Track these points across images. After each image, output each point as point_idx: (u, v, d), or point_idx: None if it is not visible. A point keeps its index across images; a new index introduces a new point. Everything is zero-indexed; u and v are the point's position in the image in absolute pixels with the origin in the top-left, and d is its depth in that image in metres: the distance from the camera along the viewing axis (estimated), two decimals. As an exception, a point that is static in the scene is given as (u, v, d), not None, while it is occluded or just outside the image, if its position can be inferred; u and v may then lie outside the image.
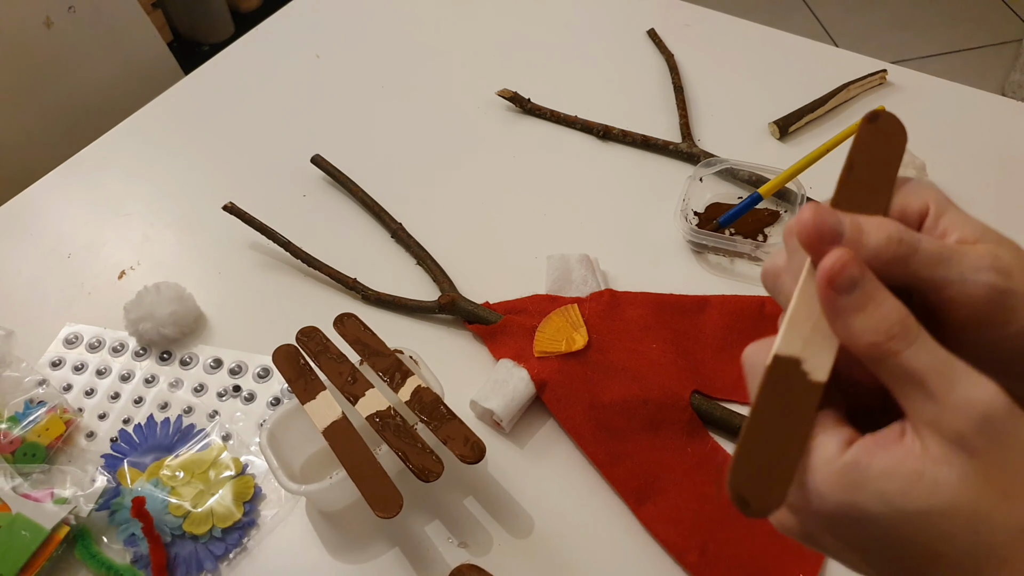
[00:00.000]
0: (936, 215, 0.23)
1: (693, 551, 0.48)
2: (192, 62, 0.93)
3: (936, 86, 0.77)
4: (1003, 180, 0.68)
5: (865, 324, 0.21)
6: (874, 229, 0.22)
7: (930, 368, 0.20)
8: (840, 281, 0.21)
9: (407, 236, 0.67)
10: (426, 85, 0.82)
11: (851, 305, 0.21)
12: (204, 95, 0.83)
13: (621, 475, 0.51)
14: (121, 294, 0.65)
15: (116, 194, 0.74)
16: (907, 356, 0.20)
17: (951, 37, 1.84)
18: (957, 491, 0.19)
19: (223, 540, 0.50)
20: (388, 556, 0.50)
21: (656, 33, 0.84)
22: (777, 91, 0.77)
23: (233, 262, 0.68)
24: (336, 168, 0.72)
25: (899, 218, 0.23)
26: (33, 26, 1.03)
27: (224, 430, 0.56)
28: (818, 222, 0.22)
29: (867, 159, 0.24)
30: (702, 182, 0.68)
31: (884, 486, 0.20)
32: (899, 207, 0.24)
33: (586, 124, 0.75)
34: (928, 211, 0.24)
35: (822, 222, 0.22)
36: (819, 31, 1.89)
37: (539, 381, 0.55)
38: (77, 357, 0.61)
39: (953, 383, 0.20)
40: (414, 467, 0.46)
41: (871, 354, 0.21)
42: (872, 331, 0.21)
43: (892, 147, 0.24)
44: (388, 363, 0.51)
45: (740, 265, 0.64)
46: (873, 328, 0.21)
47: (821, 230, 0.22)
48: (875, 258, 0.21)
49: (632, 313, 0.59)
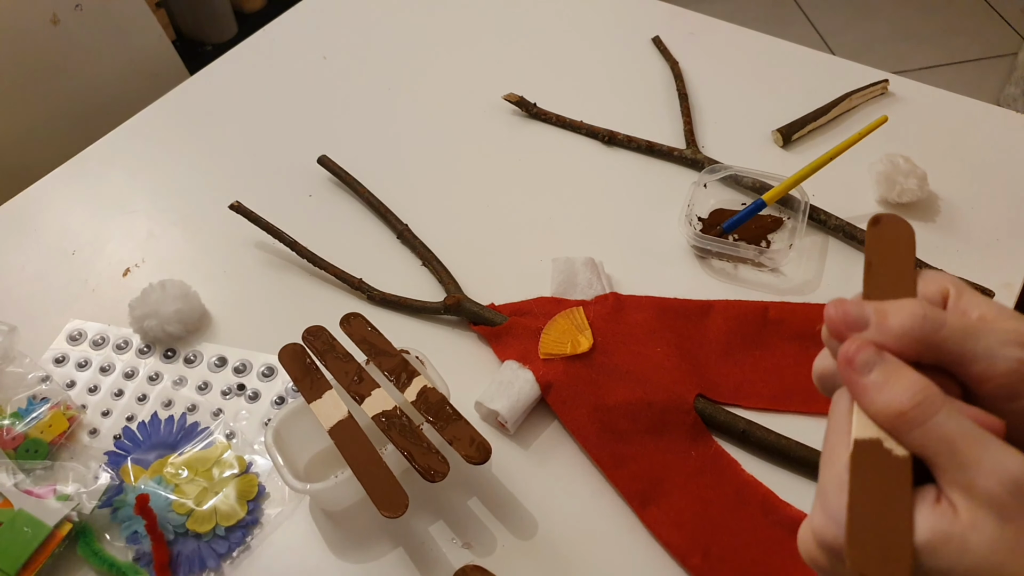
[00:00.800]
0: (956, 296, 0.24)
1: (696, 554, 0.48)
2: (195, 62, 0.93)
3: (937, 97, 0.78)
4: (1003, 190, 0.69)
5: (889, 397, 0.22)
6: (898, 310, 0.23)
7: (959, 434, 0.21)
8: (858, 363, 0.22)
9: (413, 237, 0.67)
10: (432, 87, 0.83)
11: (872, 384, 0.22)
12: (211, 94, 0.84)
13: (625, 478, 0.52)
14: (125, 291, 0.65)
15: (121, 191, 0.74)
16: (936, 423, 0.21)
17: (947, 49, 1.86)
18: (986, 554, 0.20)
19: (226, 538, 0.50)
20: (392, 556, 0.50)
21: (661, 41, 0.85)
22: (780, 99, 0.78)
23: (238, 261, 0.68)
24: (342, 169, 0.73)
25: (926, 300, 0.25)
26: (40, 23, 1.03)
27: (228, 428, 0.56)
28: (843, 313, 0.24)
29: (881, 257, 0.25)
30: (706, 188, 0.69)
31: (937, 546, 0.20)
32: (923, 292, 0.25)
33: (591, 129, 0.76)
34: (948, 294, 0.25)
35: (847, 313, 0.23)
36: (818, 42, 1.91)
37: (544, 383, 0.55)
38: (81, 354, 0.61)
39: (984, 448, 0.21)
40: (420, 467, 0.46)
41: (900, 424, 0.22)
42: (897, 403, 0.21)
43: (902, 242, 0.25)
44: (394, 363, 0.51)
45: (743, 271, 0.64)
46: (898, 400, 0.22)
47: (847, 321, 0.23)
48: (903, 336, 0.23)
49: (637, 317, 0.59)
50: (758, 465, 0.53)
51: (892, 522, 0.21)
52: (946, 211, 0.67)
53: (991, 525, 0.20)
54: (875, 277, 0.25)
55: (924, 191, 0.66)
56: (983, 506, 0.20)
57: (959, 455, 0.21)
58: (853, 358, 0.23)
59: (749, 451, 0.53)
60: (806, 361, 0.57)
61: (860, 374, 0.22)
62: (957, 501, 0.21)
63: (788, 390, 0.56)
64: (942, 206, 0.68)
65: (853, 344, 0.23)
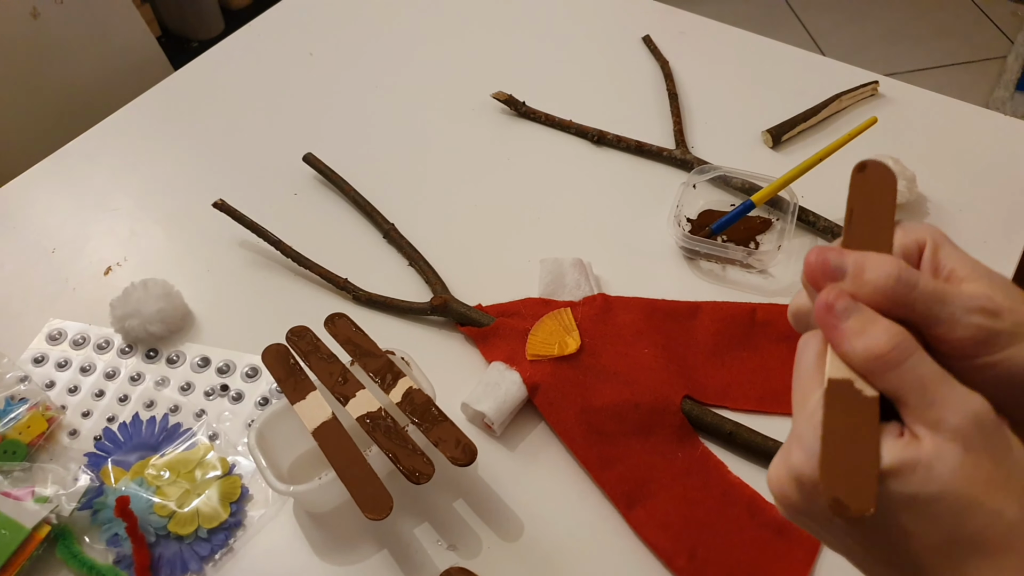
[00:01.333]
0: (933, 249, 0.26)
1: (682, 555, 0.48)
2: (181, 58, 0.92)
3: (926, 99, 0.78)
4: (991, 192, 0.69)
5: (868, 342, 0.23)
6: (876, 267, 0.24)
7: (929, 376, 0.23)
8: (837, 309, 0.24)
9: (399, 237, 0.66)
10: (421, 85, 0.82)
11: (850, 329, 0.24)
12: (195, 90, 0.83)
13: (612, 479, 0.51)
14: (107, 290, 0.64)
15: (103, 189, 0.73)
16: (909, 365, 0.23)
17: (937, 52, 1.87)
18: (948, 479, 0.22)
19: (208, 541, 0.50)
20: (376, 558, 0.49)
21: (651, 40, 0.85)
22: (770, 100, 0.77)
23: (222, 260, 0.67)
24: (328, 167, 0.72)
25: (901, 252, 0.26)
26: (20, 16, 1.01)
27: (211, 429, 0.55)
28: (822, 261, 0.25)
29: (864, 204, 0.26)
30: (695, 189, 0.68)
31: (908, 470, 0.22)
32: (898, 244, 0.26)
33: (581, 129, 0.75)
34: (925, 245, 0.26)
35: (825, 261, 0.25)
36: (809, 43, 1.91)
37: (531, 384, 0.54)
38: (61, 354, 0.60)
39: (951, 388, 0.23)
40: (404, 469, 0.45)
41: (875, 367, 0.23)
42: (876, 346, 0.23)
43: (885, 191, 0.26)
44: (379, 364, 0.51)
45: (732, 272, 0.64)
46: (876, 344, 0.23)
47: (825, 269, 0.25)
48: (876, 293, 0.24)
49: (624, 318, 0.59)
50: (744, 467, 0.52)
51: (861, 453, 0.23)
52: (935, 213, 0.68)
53: (956, 454, 0.22)
54: (856, 225, 0.26)
55: (913, 193, 0.66)
56: (949, 439, 0.22)
57: (928, 394, 0.22)
58: (833, 304, 0.24)
59: (736, 453, 0.53)
60: (793, 363, 0.56)
61: (839, 320, 0.24)
62: (922, 435, 0.22)
63: (775, 392, 0.55)
64: (931, 208, 0.68)
65: (832, 292, 0.24)
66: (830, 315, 0.24)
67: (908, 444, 0.22)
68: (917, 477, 0.22)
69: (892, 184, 0.26)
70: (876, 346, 0.23)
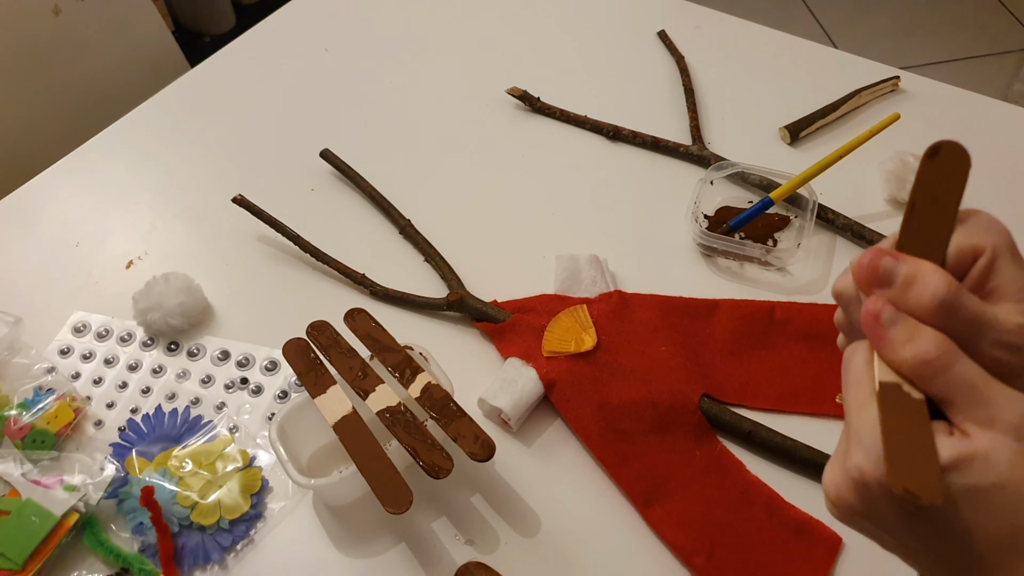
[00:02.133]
0: (989, 261, 0.25)
1: (701, 554, 0.48)
2: (193, 53, 0.92)
3: (947, 93, 0.77)
4: (1013, 189, 0.68)
5: (917, 349, 0.24)
6: (924, 284, 0.24)
7: (976, 378, 0.24)
8: (884, 319, 0.25)
9: (415, 232, 0.67)
10: (436, 81, 0.82)
11: (899, 338, 0.24)
12: (213, 86, 0.83)
13: (629, 476, 0.52)
14: (129, 283, 0.64)
15: (124, 184, 0.74)
16: (958, 369, 0.24)
17: (954, 45, 1.84)
18: (1007, 469, 0.22)
19: (230, 532, 0.51)
20: (395, 552, 0.50)
21: (667, 35, 0.84)
22: (788, 95, 0.77)
23: (241, 254, 0.68)
24: (345, 163, 0.72)
25: (955, 256, 0.26)
26: (41, 13, 1.02)
27: (231, 422, 0.56)
28: (874, 266, 0.25)
29: (929, 197, 0.25)
30: (712, 185, 0.68)
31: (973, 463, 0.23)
32: (957, 246, 0.26)
33: (596, 124, 0.75)
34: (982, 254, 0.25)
35: (876, 267, 0.25)
36: (822, 36, 1.89)
37: (548, 381, 0.55)
38: (85, 346, 0.61)
39: (999, 389, 0.23)
40: (424, 463, 0.46)
41: (925, 372, 0.24)
42: (924, 353, 0.24)
43: (955, 180, 0.25)
44: (398, 359, 0.51)
45: (750, 269, 0.64)
46: (925, 351, 0.24)
47: (874, 274, 0.25)
48: (918, 309, 0.24)
49: (641, 315, 0.59)
50: (763, 466, 0.53)
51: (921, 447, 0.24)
52: (953, 210, 0.67)
53: (1011, 446, 0.23)
54: (915, 222, 0.26)
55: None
56: (1002, 432, 0.23)
57: (977, 394, 0.23)
58: (879, 314, 0.25)
59: (754, 452, 0.53)
60: (812, 362, 0.57)
61: (885, 329, 0.25)
62: (974, 432, 0.23)
63: (794, 391, 0.55)
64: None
65: (878, 301, 0.25)
66: (877, 325, 0.25)
67: (962, 440, 0.23)
68: (976, 468, 0.23)
69: (965, 173, 0.25)
70: (924, 353, 0.24)
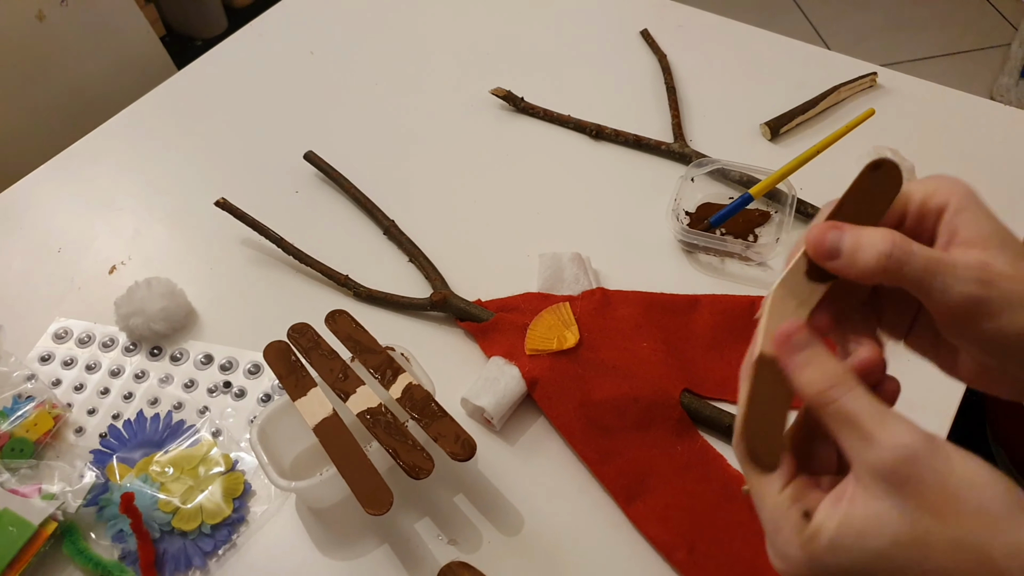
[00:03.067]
0: (954, 212, 0.26)
1: (682, 549, 0.48)
2: (185, 57, 0.92)
3: (926, 89, 0.77)
4: (989, 182, 0.69)
5: (812, 376, 0.25)
6: (869, 246, 0.25)
7: (862, 411, 0.24)
8: (793, 343, 0.26)
9: (399, 233, 0.67)
10: (420, 82, 0.82)
11: (799, 363, 0.26)
12: (197, 90, 0.83)
13: (611, 473, 0.52)
14: (112, 289, 0.64)
15: (107, 189, 0.74)
16: (844, 401, 0.24)
17: (941, 40, 1.85)
18: (898, 525, 0.23)
19: (212, 536, 0.50)
20: (378, 553, 0.50)
21: (649, 33, 0.84)
22: (769, 92, 0.77)
23: (225, 258, 0.67)
24: (329, 165, 0.72)
25: (918, 211, 0.27)
26: (25, 19, 1.02)
27: (214, 426, 0.56)
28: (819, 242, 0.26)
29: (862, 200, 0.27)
30: (693, 182, 0.68)
31: (843, 542, 0.23)
32: (920, 201, 0.27)
33: (579, 123, 0.75)
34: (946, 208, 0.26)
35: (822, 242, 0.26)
36: (811, 33, 1.90)
37: (530, 379, 0.55)
38: (67, 352, 0.61)
39: (881, 424, 0.23)
40: (404, 464, 0.46)
41: (817, 402, 0.25)
42: (818, 381, 0.25)
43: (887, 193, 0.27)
44: (379, 360, 0.51)
45: (730, 265, 0.64)
46: (819, 379, 0.25)
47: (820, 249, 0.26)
48: (867, 271, 0.25)
49: (623, 312, 0.59)
50: (743, 459, 0.53)
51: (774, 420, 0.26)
52: (934, 204, 0.67)
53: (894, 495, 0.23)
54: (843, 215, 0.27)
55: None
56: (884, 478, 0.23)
57: (860, 430, 0.24)
58: (791, 335, 0.26)
59: (735, 445, 0.53)
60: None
61: (791, 353, 0.26)
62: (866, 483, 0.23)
63: (774, 384, 0.56)
64: (930, 199, 0.68)
65: (792, 325, 0.26)
66: (786, 347, 0.26)
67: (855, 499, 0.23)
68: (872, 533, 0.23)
69: (896, 189, 0.27)
70: (812, 383, 0.25)
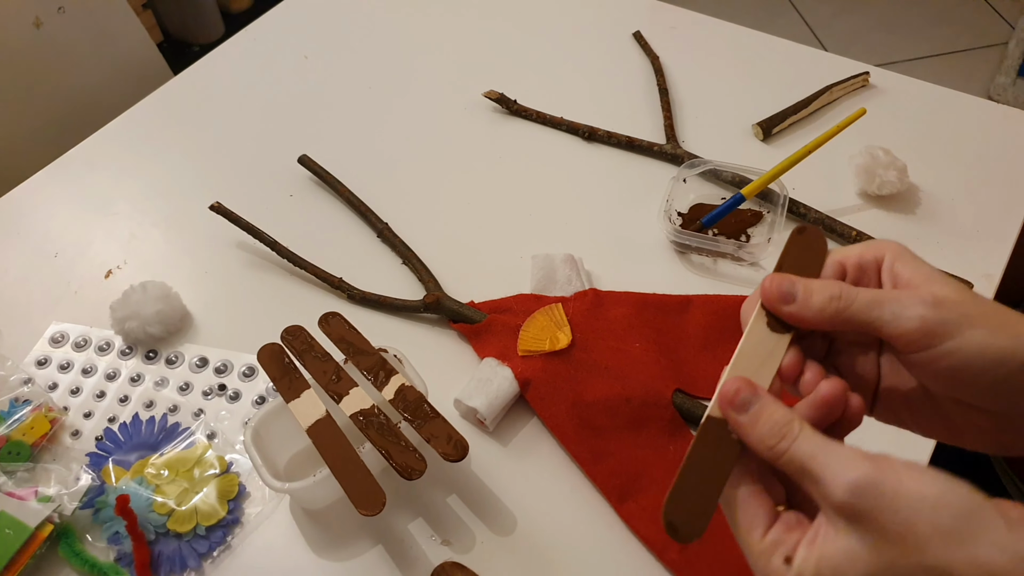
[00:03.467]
0: (891, 262, 0.28)
1: (674, 548, 0.48)
2: (182, 62, 0.93)
3: (918, 89, 0.78)
4: (982, 181, 0.69)
5: (762, 432, 0.26)
6: (820, 289, 0.27)
7: (810, 455, 0.24)
8: (737, 402, 0.26)
9: (393, 236, 0.67)
10: (413, 86, 0.83)
11: (748, 421, 0.26)
12: (192, 95, 0.84)
13: (603, 473, 0.52)
14: (108, 293, 0.65)
15: (103, 193, 0.74)
16: (793, 450, 0.25)
17: (938, 40, 1.85)
18: (868, 558, 0.23)
19: (207, 538, 0.51)
20: (371, 554, 0.50)
21: (642, 35, 0.85)
22: (761, 93, 0.78)
23: (219, 261, 0.68)
24: (323, 168, 0.73)
25: (857, 265, 0.29)
26: (22, 26, 1.03)
27: (209, 428, 0.56)
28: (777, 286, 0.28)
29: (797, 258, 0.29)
30: (686, 183, 0.69)
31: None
32: (857, 257, 0.29)
33: (572, 125, 0.76)
34: (883, 260, 0.29)
35: (780, 286, 0.28)
36: (807, 34, 1.90)
37: (523, 380, 0.55)
38: (63, 356, 0.62)
39: (827, 464, 0.24)
40: (397, 465, 0.46)
41: (770, 456, 0.25)
42: (768, 436, 0.25)
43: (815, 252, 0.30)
44: (372, 362, 0.52)
45: (723, 265, 0.64)
46: (768, 434, 0.25)
47: (780, 293, 0.28)
48: (818, 313, 0.27)
49: (616, 312, 0.59)
50: (735, 458, 0.53)
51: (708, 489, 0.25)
52: (926, 203, 0.68)
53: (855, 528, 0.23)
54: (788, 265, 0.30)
55: (904, 183, 0.66)
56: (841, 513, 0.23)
57: (812, 473, 0.24)
58: (734, 398, 0.26)
59: (726, 445, 0.54)
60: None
61: (738, 412, 0.26)
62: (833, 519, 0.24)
63: (765, 384, 0.56)
64: (923, 198, 0.68)
65: (734, 384, 0.27)
66: (731, 407, 0.26)
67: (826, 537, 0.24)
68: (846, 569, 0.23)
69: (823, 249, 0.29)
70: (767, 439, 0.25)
